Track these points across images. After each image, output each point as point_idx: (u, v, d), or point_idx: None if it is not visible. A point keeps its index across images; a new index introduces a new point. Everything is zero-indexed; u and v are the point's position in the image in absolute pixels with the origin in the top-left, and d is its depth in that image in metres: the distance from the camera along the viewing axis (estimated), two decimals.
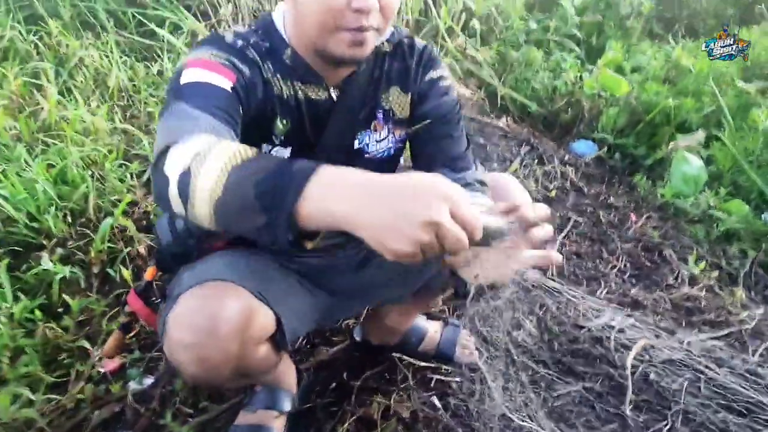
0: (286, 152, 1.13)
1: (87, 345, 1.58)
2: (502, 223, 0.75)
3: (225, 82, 0.97)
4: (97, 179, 1.99)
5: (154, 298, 1.39)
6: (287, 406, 1.34)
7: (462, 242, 0.68)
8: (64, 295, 1.65)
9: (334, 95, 1.12)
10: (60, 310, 1.67)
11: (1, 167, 1.87)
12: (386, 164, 1.23)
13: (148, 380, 1.54)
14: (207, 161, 0.74)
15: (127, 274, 1.70)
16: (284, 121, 1.09)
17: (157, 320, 1.30)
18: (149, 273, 1.37)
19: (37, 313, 1.59)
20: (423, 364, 1.55)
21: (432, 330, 1.58)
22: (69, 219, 1.87)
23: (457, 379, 1.51)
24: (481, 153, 2.55)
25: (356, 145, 1.19)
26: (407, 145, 1.26)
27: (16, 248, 1.79)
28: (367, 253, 1.34)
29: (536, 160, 2.62)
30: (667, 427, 1.40)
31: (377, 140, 1.20)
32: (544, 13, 3.99)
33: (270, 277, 1.16)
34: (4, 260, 1.66)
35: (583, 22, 3.80)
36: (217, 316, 0.98)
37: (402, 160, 1.33)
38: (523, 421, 1.36)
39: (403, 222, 0.65)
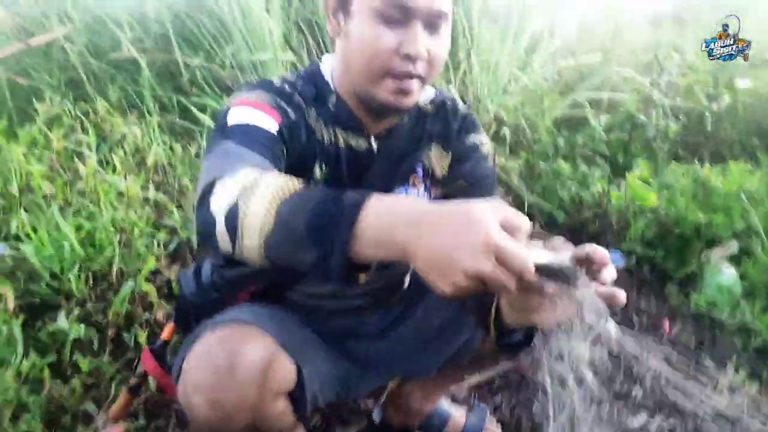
0: None
1: (92, 408, 1.51)
2: (567, 262, 0.70)
3: (271, 124, 0.98)
4: (124, 245, 1.99)
5: (168, 359, 1.35)
6: None
7: (507, 288, 0.65)
8: (75, 355, 1.60)
9: (374, 146, 1.12)
10: (69, 371, 1.61)
11: (31, 224, 1.88)
12: None
13: None
14: (255, 195, 0.73)
15: (142, 337, 1.65)
16: (323, 167, 1.08)
17: (169, 382, 1.24)
18: (166, 332, 1.33)
19: (46, 371, 1.53)
20: None
21: (457, 414, 1.48)
22: (91, 281, 1.85)
23: None
24: None
25: None
26: None
27: (35, 304, 1.76)
28: (392, 320, 1.29)
29: None
30: None
31: (414, 196, 1.19)
32: (572, 129, 4.08)
33: (293, 332, 1.11)
34: (21, 316, 1.63)
35: (610, 140, 3.88)
36: (236, 356, 0.92)
37: None
38: None
39: (447, 264, 0.64)
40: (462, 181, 1.17)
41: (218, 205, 0.76)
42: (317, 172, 1.08)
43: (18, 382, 1.48)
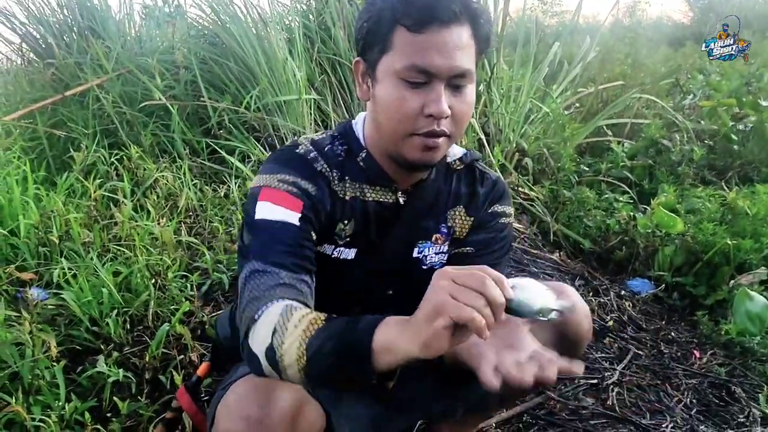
0: (350, 252, 1.17)
1: None
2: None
3: (293, 216, 1.06)
4: (159, 288, 2.06)
5: (202, 396, 1.40)
6: None
7: (477, 315, 0.76)
8: (114, 398, 1.65)
9: (401, 200, 1.16)
10: (109, 414, 1.67)
11: (72, 272, 1.96)
12: None
13: None
14: (286, 338, 0.89)
15: (178, 379, 1.70)
16: (349, 224, 1.13)
17: (202, 419, 1.29)
18: (201, 369, 1.38)
19: (87, 415, 1.59)
20: None
21: None
22: (128, 325, 1.92)
23: None
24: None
25: (415, 253, 1.22)
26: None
27: (75, 349, 1.83)
28: (420, 363, 1.32)
29: (591, 293, 2.58)
30: None
31: (436, 252, 1.23)
32: (595, 156, 4.09)
33: None
34: (62, 362, 1.69)
35: (634, 165, 3.87)
36: (267, 405, 0.97)
37: None
38: None
39: (425, 331, 0.78)
40: (470, 249, 1.22)
41: (258, 348, 0.92)
42: (344, 228, 1.13)
43: (60, 426, 1.54)
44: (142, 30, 4.30)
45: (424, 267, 1.22)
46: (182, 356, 1.85)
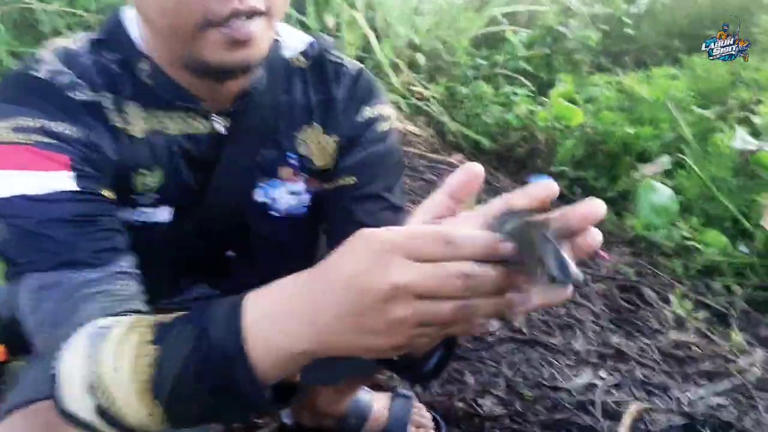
0: (164, 213, 0.81)
1: None
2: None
3: (61, 178, 0.68)
4: None
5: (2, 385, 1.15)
6: None
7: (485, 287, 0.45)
8: None
9: (220, 127, 0.80)
10: None
11: None
12: (302, 226, 0.90)
13: None
14: (113, 392, 0.55)
15: None
16: (154, 173, 0.78)
17: None
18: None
19: None
20: None
21: (378, 406, 1.26)
22: None
23: None
24: (434, 191, 2.34)
25: (257, 197, 0.86)
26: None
27: None
28: None
29: (494, 194, 2.41)
30: None
31: (290, 192, 0.88)
32: (491, 49, 3.87)
33: None
34: None
35: (531, 56, 3.70)
36: None
37: None
38: None
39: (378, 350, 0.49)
40: (352, 179, 0.86)
41: (83, 413, 0.57)
42: (144, 181, 0.77)
43: None
44: None
45: (276, 214, 0.87)
46: None
